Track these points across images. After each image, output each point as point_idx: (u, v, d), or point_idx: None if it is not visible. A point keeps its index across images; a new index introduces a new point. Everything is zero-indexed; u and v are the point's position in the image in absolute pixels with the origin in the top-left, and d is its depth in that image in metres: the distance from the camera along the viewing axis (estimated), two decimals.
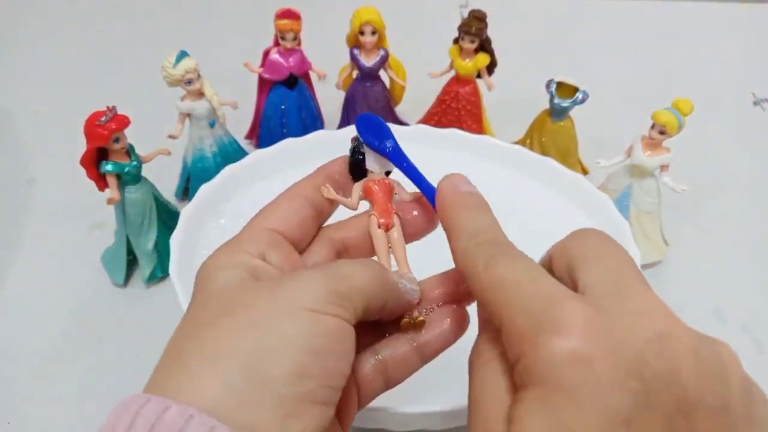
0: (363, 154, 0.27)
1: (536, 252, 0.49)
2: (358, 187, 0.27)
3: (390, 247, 0.27)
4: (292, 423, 0.19)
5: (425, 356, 0.26)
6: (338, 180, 0.28)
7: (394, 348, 0.26)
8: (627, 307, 0.19)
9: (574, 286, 0.20)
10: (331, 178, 0.27)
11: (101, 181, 0.45)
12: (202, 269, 0.23)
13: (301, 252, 0.26)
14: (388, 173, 0.28)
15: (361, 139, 0.27)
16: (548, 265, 0.23)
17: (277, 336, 0.20)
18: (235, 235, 0.25)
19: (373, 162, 0.27)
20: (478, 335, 0.23)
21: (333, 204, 0.27)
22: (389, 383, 0.26)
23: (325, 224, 0.28)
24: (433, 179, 0.26)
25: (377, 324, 0.26)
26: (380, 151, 0.27)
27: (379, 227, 0.27)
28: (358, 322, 0.22)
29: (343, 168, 0.28)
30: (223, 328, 0.20)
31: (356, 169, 0.28)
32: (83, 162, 0.44)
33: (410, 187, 0.28)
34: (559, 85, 0.54)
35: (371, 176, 0.27)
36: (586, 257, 0.21)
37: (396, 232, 0.27)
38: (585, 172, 0.59)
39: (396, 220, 0.27)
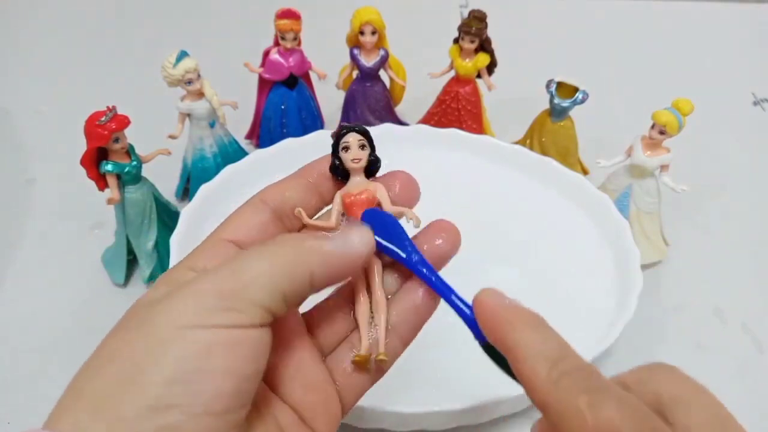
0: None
1: (537, 252, 0.49)
2: (337, 202, 0.26)
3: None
4: None
5: (404, 338, 0.25)
6: (318, 182, 0.26)
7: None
8: None
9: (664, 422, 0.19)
10: (308, 180, 0.26)
11: (101, 181, 0.45)
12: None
13: None
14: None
15: (376, 240, 0.24)
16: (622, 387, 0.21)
17: (134, 368, 0.18)
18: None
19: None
20: None
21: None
22: (376, 374, 0.25)
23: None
24: (434, 179, 0.26)
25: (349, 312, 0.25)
26: (402, 262, 0.24)
27: None
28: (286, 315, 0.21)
29: (323, 168, 0.26)
30: (91, 360, 0.19)
31: (338, 169, 0.26)
32: (83, 162, 0.44)
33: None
34: (559, 85, 0.54)
35: (351, 187, 0.26)
36: (684, 400, 0.19)
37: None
38: (585, 172, 0.59)
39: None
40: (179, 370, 0.18)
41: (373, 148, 0.26)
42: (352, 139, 0.26)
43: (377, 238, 0.24)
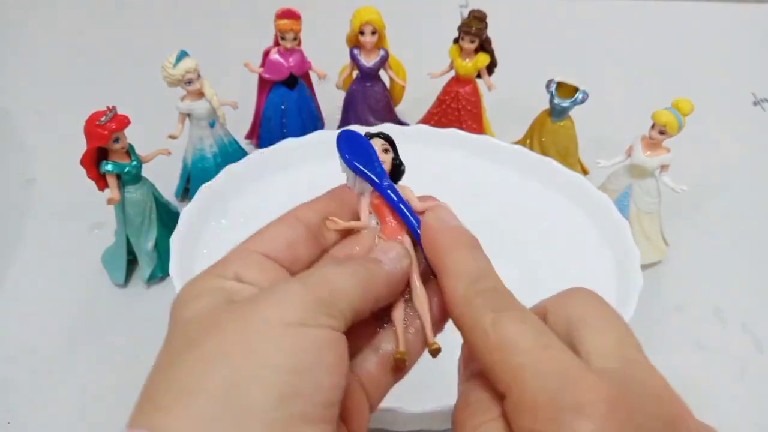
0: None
1: (536, 252, 0.49)
2: (365, 204, 0.26)
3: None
4: None
5: (425, 337, 0.25)
6: (351, 199, 0.26)
7: (393, 339, 0.25)
8: (639, 387, 0.19)
9: (572, 347, 0.20)
10: (341, 198, 0.26)
11: (101, 181, 0.45)
12: (177, 298, 0.22)
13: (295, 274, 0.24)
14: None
15: (343, 161, 0.25)
16: (543, 317, 0.22)
17: (254, 360, 0.19)
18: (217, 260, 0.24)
19: (351, 179, 0.26)
20: (468, 388, 0.22)
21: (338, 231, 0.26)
22: (397, 375, 0.25)
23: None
24: (434, 179, 0.26)
25: (372, 318, 0.25)
26: (365, 177, 0.25)
27: None
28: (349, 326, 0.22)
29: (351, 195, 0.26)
30: (193, 361, 0.19)
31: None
32: (83, 162, 0.44)
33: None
34: (559, 85, 0.54)
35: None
36: (588, 322, 0.21)
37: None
38: (585, 172, 0.59)
39: (406, 239, 0.25)
40: (301, 361, 0.19)
41: (396, 152, 0.26)
42: (377, 144, 0.26)
43: (351, 160, 0.25)
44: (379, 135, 0.26)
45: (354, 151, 0.25)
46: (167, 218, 0.49)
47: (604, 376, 0.18)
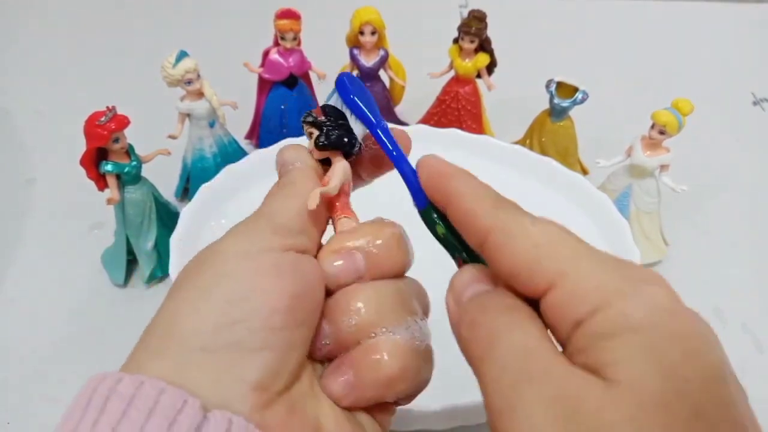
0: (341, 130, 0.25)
1: None
2: (341, 168, 0.25)
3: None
4: (226, 375, 0.19)
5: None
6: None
7: None
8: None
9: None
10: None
11: (101, 181, 0.45)
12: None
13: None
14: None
15: (344, 100, 0.25)
16: None
17: (198, 295, 0.21)
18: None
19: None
20: (482, 297, 0.21)
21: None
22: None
23: None
24: None
25: None
26: (368, 123, 0.25)
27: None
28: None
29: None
30: (166, 304, 0.21)
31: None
32: (83, 162, 0.44)
33: None
34: (559, 85, 0.54)
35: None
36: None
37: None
38: (585, 172, 0.59)
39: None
40: (237, 290, 0.20)
41: (338, 126, 0.25)
42: (306, 128, 0.26)
43: (354, 98, 0.25)
44: (306, 119, 0.26)
45: (356, 92, 0.25)
46: (167, 218, 0.49)
47: None
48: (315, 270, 0.22)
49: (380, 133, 0.25)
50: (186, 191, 0.56)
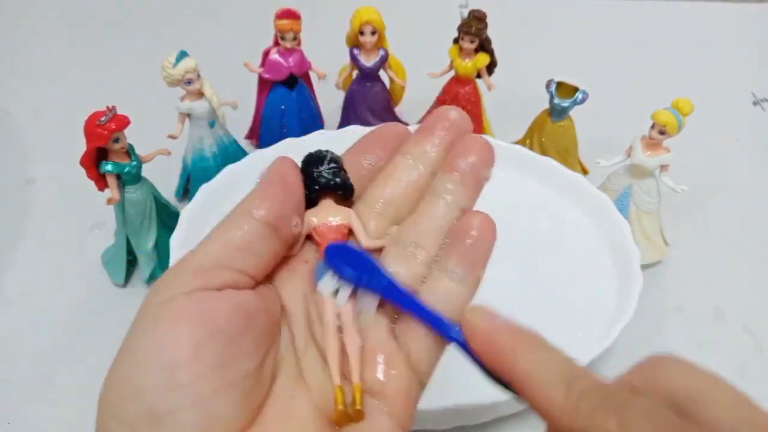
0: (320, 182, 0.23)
1: (536, 252, 0.49)
2: (307, 222, 0.24)
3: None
4: None
5: (421, 373, 0.23)
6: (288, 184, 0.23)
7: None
8: None
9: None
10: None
11: (101, 181, 0.45)
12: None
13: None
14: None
15: (341, 278, 0.22)
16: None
17: (119, 357, 0.21)
18: None
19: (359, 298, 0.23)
20: None
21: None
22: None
23: None
24: None
25: None
26: (372, 290, 0.22)
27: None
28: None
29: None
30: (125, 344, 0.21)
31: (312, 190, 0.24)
32: (83, 162, 0.44)
33: None
34: (559, 85, 0.54)
35: (319, 211, 0.24)
36: (700, 396, 0.18)
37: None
38: (585, 172, 0.59)
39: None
40: (142, 352, 0.19)
41: (341, 170, 0.24)
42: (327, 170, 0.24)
43: (347, 278, 0.22)
44: (324, 157, 0.24)
45: (353, 264, 0.22)
46: (167, 218, 0.49)
47: None
48: (240, 303, 0.20)
49: (407, 300, 0.22)
50: (186, 191, 0.56)
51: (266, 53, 0.57)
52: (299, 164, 0.24)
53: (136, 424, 0.18)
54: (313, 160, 0.24)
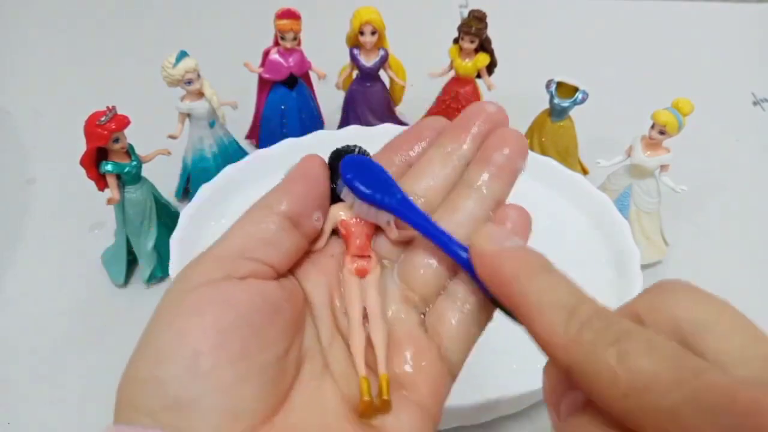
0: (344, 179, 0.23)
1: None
2: (331, 218, 0.23)
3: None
4: None
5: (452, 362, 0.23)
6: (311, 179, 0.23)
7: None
8: None
9: (693, 353, 0.17)
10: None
11: (101, 181, 0.45)
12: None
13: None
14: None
15: (351, 190, 0.22)
16: (637, 323, 0.19)
17: (138, 351, 0.20)
18: None
19: (364, 210, 0.23)
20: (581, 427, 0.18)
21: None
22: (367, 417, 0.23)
23: None
24: None
25: None
26: (384, 207, 0.22)
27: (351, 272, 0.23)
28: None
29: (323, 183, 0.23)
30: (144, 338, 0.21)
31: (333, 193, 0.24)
32: (83, 162, 0.44)
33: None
34: (559, 85, 0.54)
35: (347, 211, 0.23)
36: (706, 324, 0.17)
37: (373, 280, 0.23)
38: (585, 172, 0.59)
39: (376, 264, 0.23)
40: (163, 341, 0.19)
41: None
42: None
43: (361, 188, 0.22)
44: (353, 149, 0.24)
45: (366, 179, 0.23)
46: (167, 218, 0.49)
47: (755, 383, 0.15)
48: (263, 292, 0.20)
49: (416, 217, 0.22)
50: (186, 191, 0.56)
51: (266, 53, 0.57)
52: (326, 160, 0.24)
53: (159, 413, 0.18)
54: (341, 155, 0.24)
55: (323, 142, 0.50)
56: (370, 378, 0.21)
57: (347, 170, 0.23)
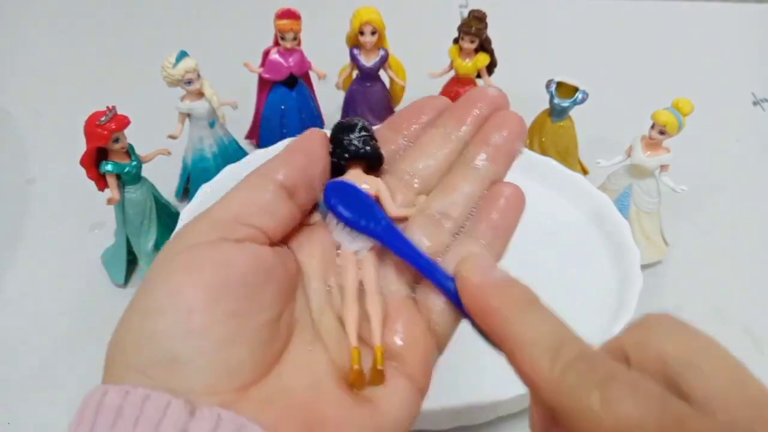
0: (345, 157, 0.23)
1: (536, 252, 0.49)
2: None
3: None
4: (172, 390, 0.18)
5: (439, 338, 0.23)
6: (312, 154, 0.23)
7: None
8: None
9: (680, 396, 0.17)
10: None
11: (101, 181, 0.45)
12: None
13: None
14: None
15: (335, 215, 0.23)
16: (622, 359, 0.19)
17: (147, 304, 0.20)
18: None
19: (345, 236, 0.23)
20: None
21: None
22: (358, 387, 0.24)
23: None
24: None
25: None
26: (368, 234, 0.23)
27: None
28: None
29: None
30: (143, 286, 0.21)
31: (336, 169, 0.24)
32: (83, 162, 0.44)
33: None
34: (559, 85, 0.54)
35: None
36: (692, 362, 0.17)
37: (370, 255, 0.23)
38: (585, 172, 0.59)
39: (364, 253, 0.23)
40: (153, 298, 0.19)
41: (372, 139, 0.24)
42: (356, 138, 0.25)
43: (343, 212, 0.22)
44: (355, 125, 0.24)
45: (349, 205, 0.23)
46: (167, 218, 0.49)
47: (737, 429, 0.16)
48: (258, 255, 0.20)
49: (398, 243, 0.22)
50: (186, 191, 0.56)
51: (266, 53, 0.57)
52: (328, 135, 0.25)
53: (150, 369, 0.18)
54: (344, 128, 0.24)
55: None
56: (362, 350, 0.21)
57: (331, 196, 0.23)
